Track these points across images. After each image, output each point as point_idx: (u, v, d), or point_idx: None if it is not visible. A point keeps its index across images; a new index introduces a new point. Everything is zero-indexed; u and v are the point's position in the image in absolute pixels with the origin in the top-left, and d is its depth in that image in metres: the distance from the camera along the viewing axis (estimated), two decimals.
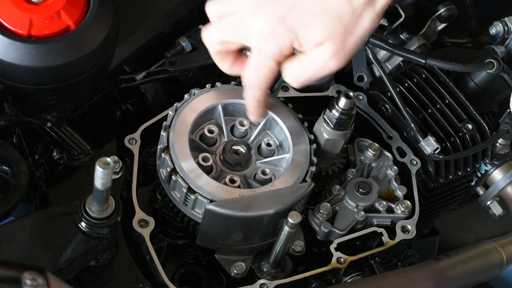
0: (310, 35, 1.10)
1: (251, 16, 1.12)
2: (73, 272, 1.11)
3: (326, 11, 1.08)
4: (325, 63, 1.12)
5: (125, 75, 1.44)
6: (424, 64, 1.47)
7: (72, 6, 1.22)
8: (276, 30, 1.10)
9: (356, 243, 1.34)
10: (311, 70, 1.14)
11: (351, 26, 1.09)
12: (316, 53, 1.11)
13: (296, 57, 1.15)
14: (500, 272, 1.43)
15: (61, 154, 1.34)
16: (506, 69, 1.50)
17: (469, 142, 1.47)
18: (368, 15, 1.10)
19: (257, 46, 1.14)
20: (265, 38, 1.12)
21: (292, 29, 1.10)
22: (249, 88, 1.21)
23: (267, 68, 1.15)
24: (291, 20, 1.10)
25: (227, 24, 1.16)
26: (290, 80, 1.18)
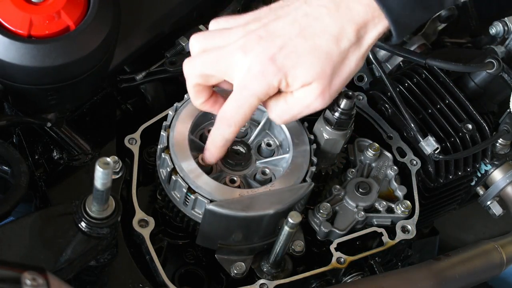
0: (299, 75, 1.09)
1: (238, 53, 1.10)
2: (73, 272, 1.11)
3: (315, 51, 1.08)
4: (311, 102, 1.12)
5: (125, 75, 1.44)
6: (424, 64, 1.47)
7: (72, 6, 1.22)
8: (266, 69, 1.09)
9: (356, 243, 1.34)
10: (296, 108, 1.14)
11: (338, 67, 1.09)
12: (303, 93, 1.11)
13: (281, 95, 1.14)
14: (500, 272, 1.43)
15: (61, 154, 1.34)
16: (506, 69, 1.50)
17: (469, 142, 1.47)
18: (354, 56, 1.10)
19: (243, 84, 1.12)
20: (253, 76, 1.10)
21: (281, 69, 1.09)
22: (222, 125, 1.18)
23: (249, 105, 1.13)
24: (281, 60, 1.09)
25: (212, 58, 1.14)
26: (274, 117, 1.17)
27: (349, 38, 1.08)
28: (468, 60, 1.54)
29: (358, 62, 1.11)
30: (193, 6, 1.48)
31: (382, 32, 1.10)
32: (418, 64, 1.51)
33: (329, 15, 1.08)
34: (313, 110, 1.14)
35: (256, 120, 1.34)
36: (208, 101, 1.21)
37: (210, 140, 1.23)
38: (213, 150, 1.23)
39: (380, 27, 1.09)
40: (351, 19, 1.07)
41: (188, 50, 1.47)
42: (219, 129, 1.19)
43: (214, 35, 1.16)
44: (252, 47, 1.10)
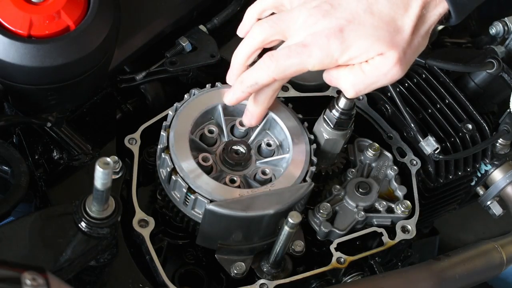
0: (369, 46, 1.10)
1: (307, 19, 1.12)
2: (73, 272, 1.11)
3: (384, 24, 1.10)
4: (388, 70, 1.12)
5: (125, 75, 1.44)
6: (424, 64, 1.47)
7: (72, 6, 1.22)
8: (331, 37, 1.10)
9: (356, 243, 1.34)
10: (373, 76, 1.13)
11: (408, 39, 1.11)
12: (379, 61, 1.11)
13: (355, 65, 1.14)
14: (500, 272, 1.43)
15: (61, 154, 1.34)
16: (506, 69, 1.50)
17: (469, 142, 1.47)
18: (422, 31, 1.13)
19: (304, 41, 1.12)
20: (316, 39, 1.11)
21: (346, 41, 1.10)
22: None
23: (299, 62, 1.12)
24: (349, 33, 1.10)
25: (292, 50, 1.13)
26: (348, 87, 1.16)
27: (415, 13, 1.10)
28: (468, 60, 1.55)
29: (425, 36, 1.14)
30: (193, 6, 1.48)
31: (443, 13, 1.12)
32: (418, 64, 1.51)
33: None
34: (390, 80, 1.14)
35: None
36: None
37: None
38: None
39: (440, 8, 1.12)
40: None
41: (188, 50, 1.48)
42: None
43: (277, 22, 1.16)
44: (322, 19, 1.11)
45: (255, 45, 1.19)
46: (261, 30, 1.17)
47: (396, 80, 1.14)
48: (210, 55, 1.47)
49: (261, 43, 1.18)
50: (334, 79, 1.18)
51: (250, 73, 1.19)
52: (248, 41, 1.19)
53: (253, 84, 1.19)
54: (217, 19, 1.53)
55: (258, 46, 1.19)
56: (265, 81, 1.17)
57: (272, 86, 1.21)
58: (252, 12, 1.24)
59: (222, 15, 1.53)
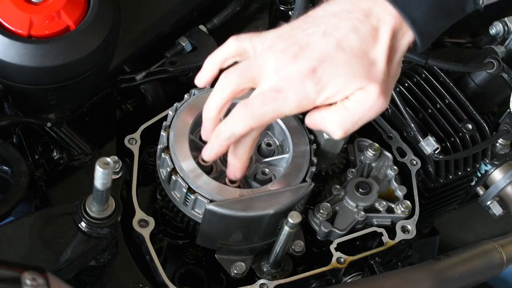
0: (347, 82, 1.06)
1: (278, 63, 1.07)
2: (73, 272, 1.11)
3: (357, 58, 1.06)
4: (373, 103, 1.08)
5: (125, 75, 1.44)
6: (424, 64, 1.47)
7: (72, 6, 1.22)
8: (305, 79, 1.06)
9: (356, 243, 1.34)
10: (358, 112, 1.09)
11: (385, 68, 1.08)
12: (361, 95, 1.07)
13: (337, 104, 1.10)
14: (500, 272, 1.43)
15: (61, 154, 1.34)
16: (506, 69, 1.50)
17: (469, 142, 1.47)
18: (395, 59, 1.10)
19: (278, 86, 1.07)
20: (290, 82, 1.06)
21: (321, 81, 1.06)
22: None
23: (276, 108, 1.08)
24: (322, 72, 1.06)
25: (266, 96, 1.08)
26: (335, 128, 1.11)
27: (386, 43, 1.07)
28: (468, 60, 1.55)
29: (399, 65, 1.11)
30: (193, 6, 1.48)
31: (411, 41, 1.10)
32: (418, 64, 1.51)
33: (362, 26, 1.07)
34: (376, 113, 1.09)
35: None
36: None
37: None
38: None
39: (408, 37, 1.09)
40: (384, 28, 1.07)
41: (188, 50, 1.48)
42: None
43: (245, 69, 1.11)
44: (293, 61, 1.07)
45: (225, 98, 1.13)
46: (230, 81, 1.12)
47: (381, 112, 1.10)
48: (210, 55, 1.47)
49: (231, 94, 1.12)
50: (318, 122, 1.13)
51: (225, 125, 1.13)
52: (218, 94, 1.13)
53: (230, 136, 1.13)
54: (217, 19, 1.53)
55: (228, 98, 1.13)
56: (242, 131, 1.12)
57: (250, 135, 1.16)
58: (213, 61, 1.18)
59: (222, 15, 1.53)
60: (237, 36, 1.16)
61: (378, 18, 1.07)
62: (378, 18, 1.07)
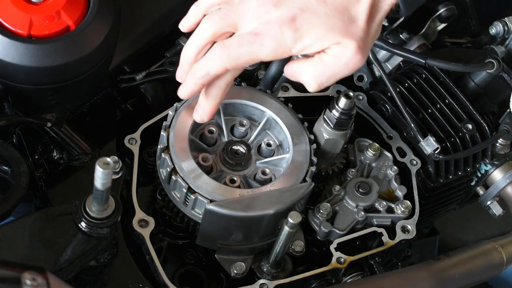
0: (325, 34, 1.08)
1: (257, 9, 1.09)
2: (73, 272, 1.11)
3: (338, 12, 1.08)
4: (349, 59, 1.09)
5: (125, 75, 1.44)
6: (424, 64, 1.47)
7: (72, 6, 1.22)
8: (284, 26, 1.07)
9: (356, 243, 1.34)
10: (333, 67, 1.10)
11: (364, 26, 1.09)
12: (338, 50, 1.09)
13: (315, 56, 1.11)
14: (500, 272, 1.43)
15: (61, 154, 1.34)
16: (506, 69, 1.50)
17: (469, 142, 1.47)
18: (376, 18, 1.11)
19: (256, 30, 1.09)
20: (268, 28, 1.08)
21: (299, 30, 1.08)
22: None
23: (251, 51, 1.09)
24: (301, 21, 1.08)
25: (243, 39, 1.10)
26: (310, 80, 1.13)
27: (368, 1, 1.09)
28: (468, 60, 1.54)
29: (379, 25, 1.12)
30: None
31: (394, 3, 1.11)
32: (418, 64, 1.51)
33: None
34: (352, 70, 1.11)
35: (256, 120, 1.35)
36: None
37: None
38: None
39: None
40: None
41: None
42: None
43: (228, 13, 1.12)
44: (273, 8, 1.08)
45: (205, 39, 1.14)
46: (212, 23, 1.13)
47: (357, 69, 1.12)
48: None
49: (212, 36, 1.14)
50: (295, 72, 1.15)
51: (201, 63, 1.14)
52: (198, 35, 1.15)
53: (205, 74, 1.14)
54: None
55: (209, 40, 1.14)
56: (217, 71, 1.13)
57: (224, 78, 1.17)
58: (198, 7, 1.20)
59: None
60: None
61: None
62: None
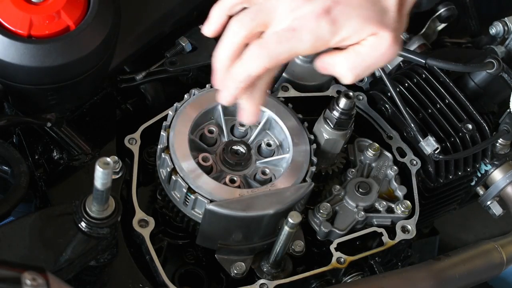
0: (360, 26, 1.06)
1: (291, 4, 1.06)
2: (73, 272, 1.11)
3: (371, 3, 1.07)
4: (385, 50, 1.08)
5: (125, 75, 1.44)
6: (424, 64, 1.47)
7: (72, 6, 1.22)
8: (320, 20, 1.05)
9: (356, 243, 1.34)
10: (370, 58, 1.09)
11: (396, 18, 1.09)
12: (374, 41, 1.07)
13: (349, 48, 1.09)
14: (500, 272, 1.43)
15: (61, 154, 1.34)
16: (506, 69, 1.50)
17: (469, 142, 1.47)
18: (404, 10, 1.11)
19: (292, 26, 1.06)
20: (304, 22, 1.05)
21: (336, 22, 1.05)
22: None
23: (290, 47, 1.05)
24: (337, 13, 1.05)
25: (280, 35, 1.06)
26: (346, 72, 1.10)
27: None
28: (468, 60, 1.54)
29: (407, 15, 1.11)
30: (193, 6, 1.48)
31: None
32: (418, 64, 1.51)
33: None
34: (387, 61, 1.10)
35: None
36: None
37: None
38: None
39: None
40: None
41: (188, 50, 1.48)
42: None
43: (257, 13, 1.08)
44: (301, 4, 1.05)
45: (237, 43, 1.09)
46: (242, 25, 1.08)
47: (392, 60, 1.11)
48: (210, 55, 1.45)
49: (244, 39, 1.09)
50: (329, 65, 1.12)
51: (240, 66, 1.09)
52: (230, 39, 1.09)
53: (247, 77, 1.09)
54: None
55: (241, 42, 1.09)
56: (258, 71, 1.09)
57: (265, 78, 1.13)
58: (220, 8, 1.16)
59: None
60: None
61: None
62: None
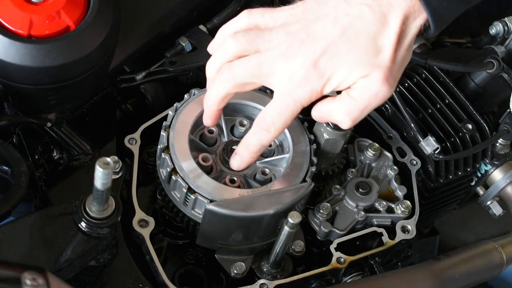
0: (349, 72, 1.08)
1: (281, 59, 1.10)
2: (73, 272, 1.11)
3: (361, 48, 1.07)
4: (378, 90, 1.09)
5: (125, 75, 1.44)
6: (424, 64, 1.47)
7: (72, 6, 1.22)
8: (309, 75, 1.08)
9: (356, 243, 1.34)
10: (364, 100, 1.10)
11: (390, 55, 1.08)
12: (365, 83, 1.09)
13: (342, 94, 1.12)
14: (500, 272, 1.43)
15: (61, 154, 1.34)
16: (506, 69, 1.50)
17: (469, 142, 1.47)
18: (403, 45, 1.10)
19: (286, 90, 1.11)
20: (296, 83, 1.09)
21: (325, 73, 1.08)
22: (261, 129, 1.16)
23: (291, 112, 1.12)
24: (325, 64, 1.08)
25: (253, 65, 1.12)
26: (343, 118, 1.13)
27: (395, 30, 1.07)
28: (468, 60, 1.55)
29: (409, 49, 1.11)
30: (193, 6, 1.48)
31: (423, 24, 1.09)
32: (418, 64, 1.51)
33: (371, 13, 1.07)
34: (382, 100, 1.11)
35: None
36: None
37: (243, 144, 1.20)
38: (246, 155, 1.20)
39: (420, 20, 1.09)
40: (394, 13, 1.07)
41: (188, 50, 1.48)
42: (256, 133, 1.17)
43: (254, 37, 1.13)
44: (295, 53, 1.09)
45: (226, 91, 1.16)
46: (234, 75, 1.14)
47: (387, 98, 1.11)
48: (210, 55, 1.46)
49: (233, 89, 1.15)
50: (325, 114, 1.16)
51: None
52: (219, 86, 1.16)
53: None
54: (217, 19, 1.53)
55: (230, 92, 1.16)
56: (270, 141, 1.18)
57: None
58: (226, 31, 1.19)
59: (222, 15, 1.53)
60: (250, 10, 1.17)
61: (390, 2, 1.07)
62: (390, 2, 1.07)
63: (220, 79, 1.16)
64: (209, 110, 1.22)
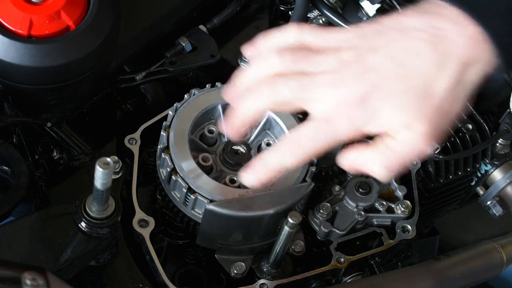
0: (395, 116, 0.97)
1: (327, 85, 0.99)
2: (73, 272, 1.11)
3: (413, 90, 0.97)
4: (417, 145, 0.98)
5: (125, 75, 1.44)
6: None
7: (72, 6, 1.22)
8: (355, 109, 0.98)
9: (356, 243, 1.34)
10: (404, 153, 0.99)
11: (440, 107, 0.98)
12: (407, 135, 0.98)
13: (381, 144, 1.01)
14: (500, 272, 1.43)
15: (61, 154, 1.34)
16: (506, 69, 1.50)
17: (469, 142, 1.47)
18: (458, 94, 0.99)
19: (328, 117, 0.98)
20: (340, 113, 0.98)
21: (372, 111, 0.98)
22: (286, 149, 1.03)
23: (326, 143, 1.00)
24: (374, 101, 0.97)
25: (298, 85, 1.01)
26: (380, 170, 1.02)
27: (451, 76, 0.97)
28: None
29: (462, 100, 1.00)
30: (193, 6, 1.48)
31: (486, 68, 0.99)
32: None
33: (429, 50, 0.97)
34: (420, 155, 1.01)
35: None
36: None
37: (262, 161, 1.07)
38: (262, 174, 1.08)
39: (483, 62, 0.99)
40: (453, 54, 0.97)
41: (188, 50, 1.48)
42: (280, 152, 1.05)
43: (302, 59, 1.03)
44: (345, 83, 0.99)
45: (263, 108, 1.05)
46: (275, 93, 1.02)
47: (423, 156, 1.02)
48: (210, 55, 1.47)
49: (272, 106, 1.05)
50: (359, 165, 1.04)
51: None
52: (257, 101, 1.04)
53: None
54: (217, 19, 1.53)
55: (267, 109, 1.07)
56: (291, 166, 1.06)
57: None
58: (271, 43, 1.08)
59: (222, 15, 1.53)
60: (300, 26, 1.07)
61: (451, 40, 0.97)
62: (451, 40, 0.97)
63: (260, 93, 1.05)
64: (240, 123, 1.08)
